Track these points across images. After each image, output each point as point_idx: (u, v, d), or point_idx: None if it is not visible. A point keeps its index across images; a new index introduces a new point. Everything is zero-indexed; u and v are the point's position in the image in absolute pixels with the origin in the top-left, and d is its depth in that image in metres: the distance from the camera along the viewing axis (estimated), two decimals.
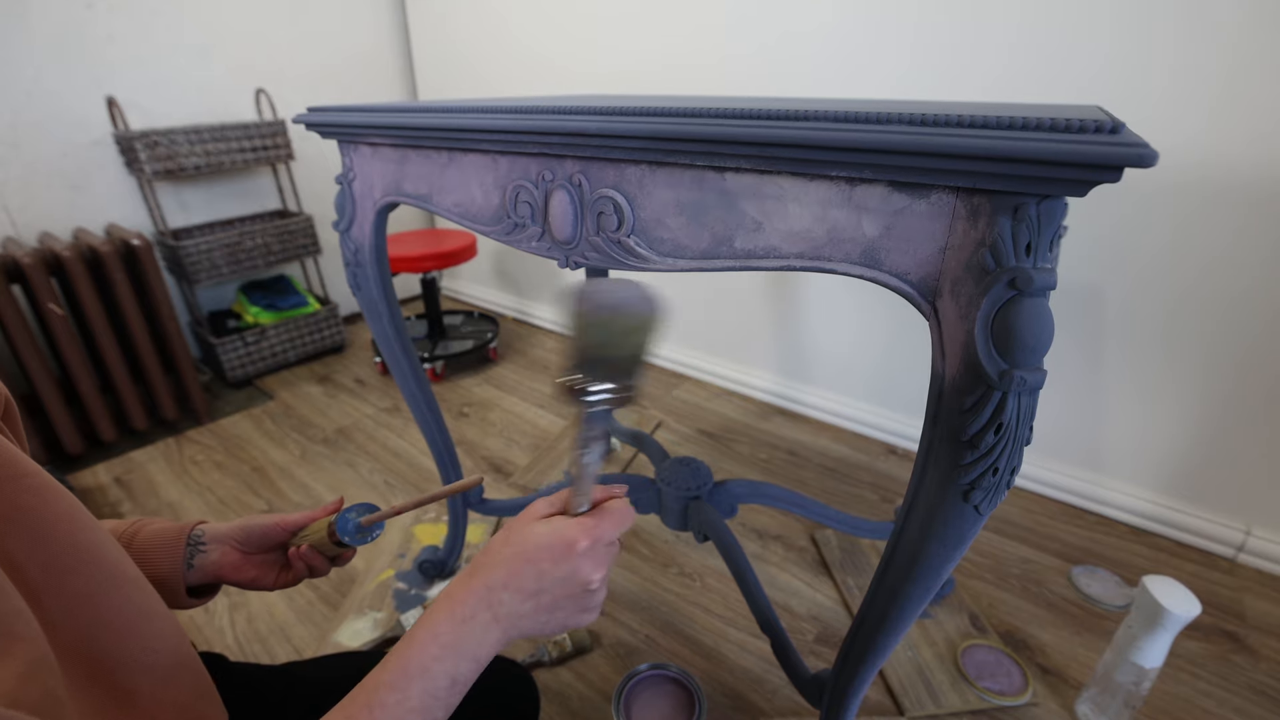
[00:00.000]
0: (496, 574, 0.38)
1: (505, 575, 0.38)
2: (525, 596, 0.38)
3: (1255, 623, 1.07)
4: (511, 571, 0.38)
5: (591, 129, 0.50)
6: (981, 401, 0.39)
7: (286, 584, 0.57)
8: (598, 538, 0.39)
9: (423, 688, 0.35)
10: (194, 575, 0.53)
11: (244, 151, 1.80)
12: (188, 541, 0.52)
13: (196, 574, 0.53)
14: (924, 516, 0.47)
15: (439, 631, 0.37)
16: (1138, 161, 0.31)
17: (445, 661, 0.36)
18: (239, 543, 0.55)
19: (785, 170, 0.44)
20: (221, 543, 0.54)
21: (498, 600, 0.38)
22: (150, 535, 0.51)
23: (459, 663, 0.36)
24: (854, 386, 1.64)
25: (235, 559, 0.54)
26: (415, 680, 0.35)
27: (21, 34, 1.53)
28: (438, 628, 0.37)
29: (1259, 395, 1.11)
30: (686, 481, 1.03)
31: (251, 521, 0.55)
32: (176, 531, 0.52)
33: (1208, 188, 1.06)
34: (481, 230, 0.66)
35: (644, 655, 1.02)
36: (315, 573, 0.58)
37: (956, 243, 0.39)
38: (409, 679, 0.35)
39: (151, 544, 0.51)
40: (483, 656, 0.37)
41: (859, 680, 0.65)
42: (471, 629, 0.37)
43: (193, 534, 0.53)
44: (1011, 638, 1.05)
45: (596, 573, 0.39)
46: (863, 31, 1.31)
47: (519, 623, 0.38)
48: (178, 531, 0.52)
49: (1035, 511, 1.35)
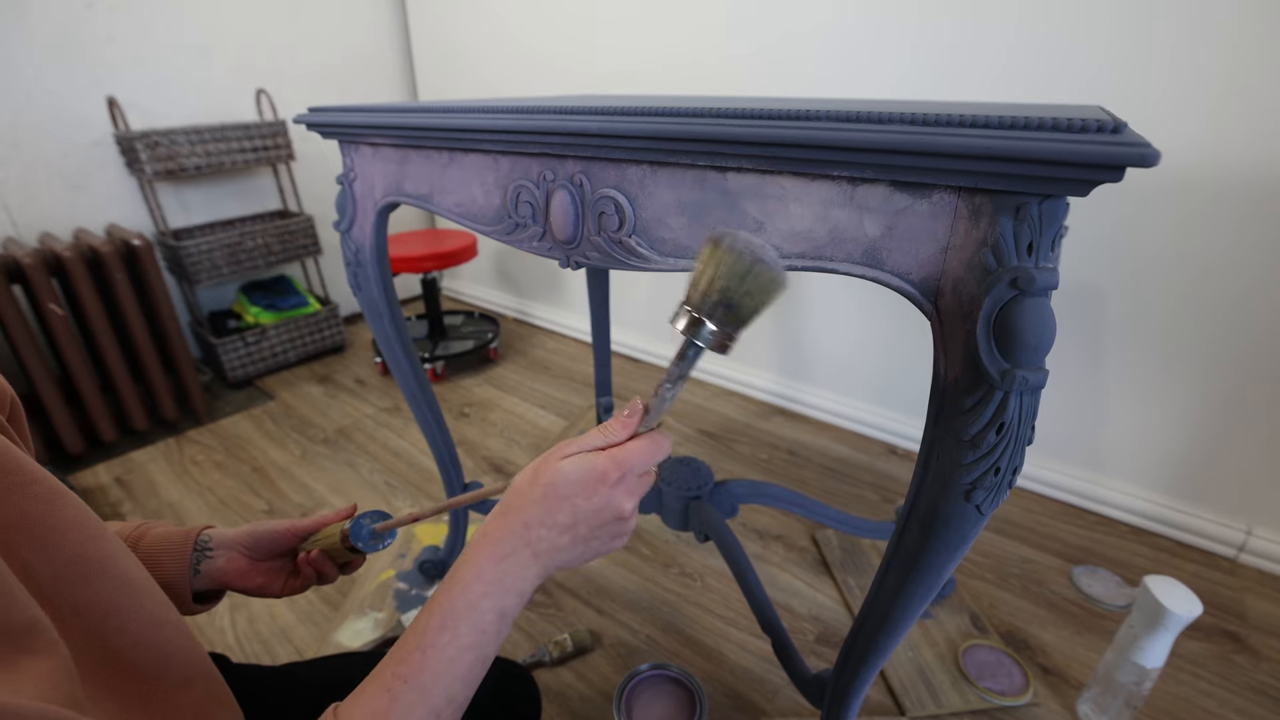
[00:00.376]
0: (532, 512, 0.39)
1: (541, 512, 0.39)
2: (561, 530, 0.39)
3: (1257, 623, 1.07)
4: (547, 508, 0.39)
5: (593, 129, 0.50)
6: (983, 401, 0.39)
7: (294, 591, 0.57)
8: (628, 469, 0.40)
9: (471, 624, 0.36)
10: (200, 581, 0.52)
11: (244, 152, 1.80)
12: (194, 547, 0.52)
13: (203, 580, 0.52)
14: (925, 516, 0.47)
15: (482, 570, 0.38)
16: (1140, 161, 0.31)
17: (491, 598, 0.37)
18: (247, 549, 0.54)
19: (787, 170, 0.44)
20: (229, 549, 0.53)
21: (536, 537, 0.39)
22: (156, 540, 0.51)
23: (504, 597, 0.37)
24: (855, 386, 1.64)
25: (242, 565, 0.54)
26: (464, 618, 0.36)
27: (22, 34, 1.53)
28: (480, 566, 0.38)
29: (1260, 395, 1.11)
30: (687, 481, 1.03)
31: (260, 527, 0.55)
32: (182, 537, 0.51)
33: (1208, 187, 1.06)
34: (483, 230, 0.66)
35: (645, 655, 1.02)
36: (324, 579, 0.58)
37: (958, 242, 0.39)
38: (457, 618, 0.36)
39: (157, 549, 0.50)
40: (526, 590, 0.39)
41: (860, 680, 0.65)
42: (512, 565, 0.38)
43: (199, 539, 0.52)
44: (1012, 638, 1.05)
45: (629, 502, 0.40)
46: (863, 31, 1.31)
47: (556, 556, 0.39)
48: (183, 537, 0.51)
49: (1036, 511, 1.35)
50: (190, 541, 0.51)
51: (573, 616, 1.10)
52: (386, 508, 1.38)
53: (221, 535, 0.54)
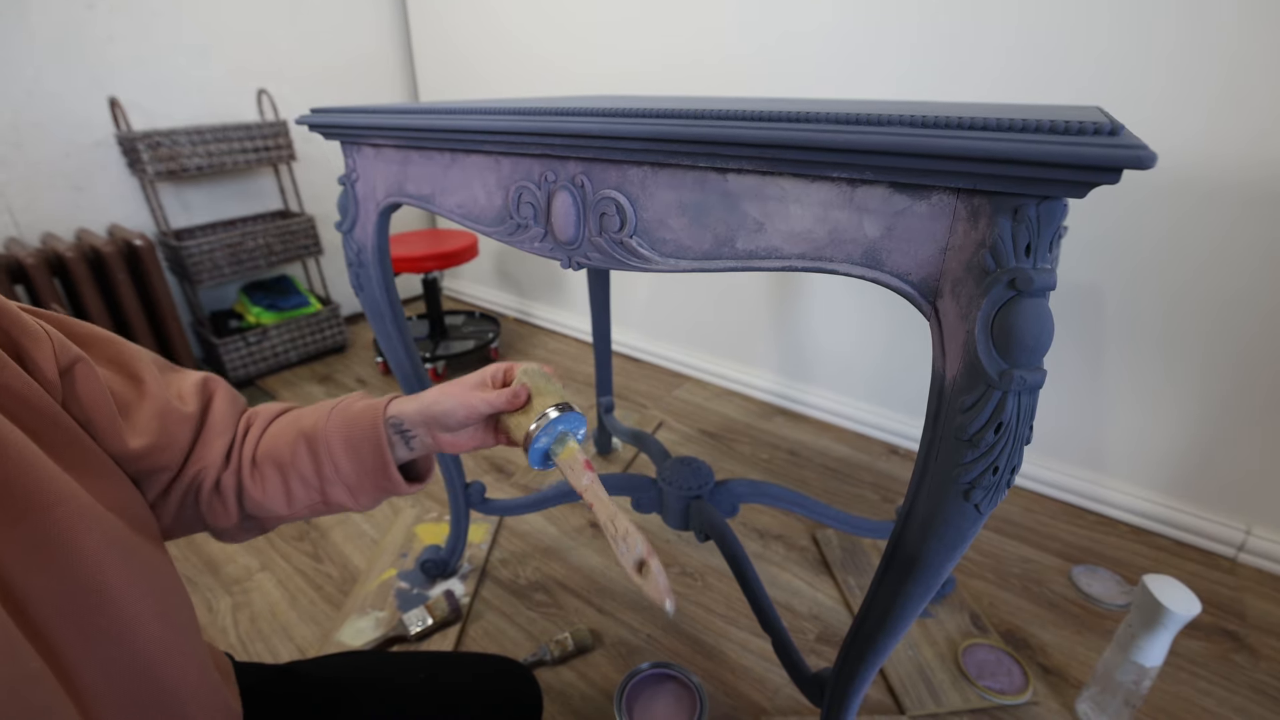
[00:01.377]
0: None
1: None
2: None
3: (1256, 622, 1.07)
4: None
5: (594, 130, 0.50)
6: (981, 401, 0.40)
7: None
8: None
9: None
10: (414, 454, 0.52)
11: (246, 152, 1.81)
12: (391, 430, 0.50)
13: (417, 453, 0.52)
14: (924, 515, 0.47)
15: None
16: (1136, 163, 0.31)
17: None
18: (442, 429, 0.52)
19: (787, 171, 0.44)
20: (424, 426, 0.51)
21: None
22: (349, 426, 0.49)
23: None
24: (855, 386, 1.65)
25: (448, 437, 0.52)
26: None
27: (22, 34, 1.53)
28: None
29: (1259, 394, 1.11)
30: (688, 481, 1.03)
31: (435, 409, 0.50)
32: (371, 424, 0.49)
33: (1206, 187, 1.06)
34: (484, 231, 0.66)
35: (645, 654, 1.02)
36: None
37: (957, 243, 0.40)
38: None
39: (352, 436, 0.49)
40: None
41: (860, 679, 0.65)
42: None
43: (390, 422, 0.50)
44: (1012, 637, 1.05)
45: None
46: (863, 32, 1.31)
47: None
48: (372, 425, 0.49)
49: (1036, 511, 1.35)
50: (380, 430, 0.49)
51: (574, 615, 1.10)
52: (389, 508, 1.39)
53: (409, 415, 0.51)
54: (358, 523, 1.34)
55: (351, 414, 0.50)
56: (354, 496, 0.50)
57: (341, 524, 1.34)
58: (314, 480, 0.49)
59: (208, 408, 0.47)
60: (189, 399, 0.46)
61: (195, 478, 0.46)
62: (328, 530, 1.32)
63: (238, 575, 1.20)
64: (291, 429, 0.49)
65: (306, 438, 0.49)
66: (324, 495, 0.50)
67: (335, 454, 0.49)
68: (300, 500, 0.49)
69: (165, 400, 0.43)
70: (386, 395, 0.52)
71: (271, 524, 0.51)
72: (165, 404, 0.43)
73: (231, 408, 0.49)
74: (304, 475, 0.49)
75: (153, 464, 0.42)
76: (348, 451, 0.49)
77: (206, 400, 0.48)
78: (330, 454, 0.49)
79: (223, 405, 0.48)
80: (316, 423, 0.49)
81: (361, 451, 0.49)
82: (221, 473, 0.47)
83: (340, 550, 1.26)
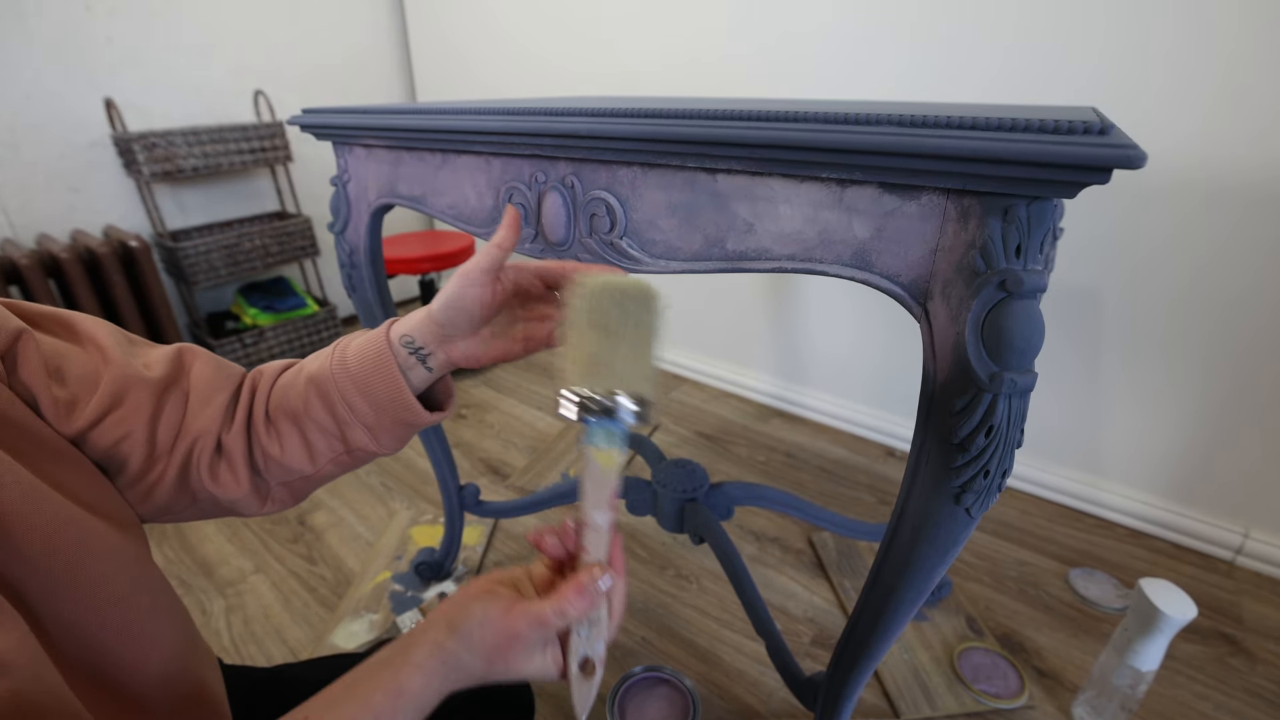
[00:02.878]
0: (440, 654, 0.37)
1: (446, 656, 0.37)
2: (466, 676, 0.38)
3: (1253, 626, 1.06)
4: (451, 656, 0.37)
5: (582, 130, 0.50)
6: (972, 404, 0.39)
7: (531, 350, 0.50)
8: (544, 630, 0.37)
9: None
10: (432, 377, 0.47)
11: (242, 153, 1.81)
12: (404, 348, 0.46)
13: (435, 374, 0.47)
14: (916, 519, 0.47)
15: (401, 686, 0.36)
16: (1126, 163, 0.31)
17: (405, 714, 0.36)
18: (457, 336, 0.47)
19: (776, 172, 0.44)
20: (440, 342, 0.46)
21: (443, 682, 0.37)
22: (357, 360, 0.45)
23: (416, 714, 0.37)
24: (852, 388, 1.64)
25: (468, 349, 0.47)
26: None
27: (20, 35, 1.53)
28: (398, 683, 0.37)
29: (1257, 397, 1.11)
30: (682, 484, 1.03)
31: (434, 308, 0.45)
32: (378, 354, 0.45)
33: (1205, 188, 1.06)
34: (475, 232, 0.66)
35: (639, 657, 1.02)
36: None
37: (947, 244, 0.39)
38: None
39: (362, 370, 0.45)
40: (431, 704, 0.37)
41: (853, 683, 0.64)
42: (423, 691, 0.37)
43: (402, 341, 0.46)
44: (1008, 640, 1.04)
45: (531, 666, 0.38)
46: (862, 32, 1.31)
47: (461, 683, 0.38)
48: (379, 353, 0.45)
49: (1033, 514, 1.34)
50: (388, 355, 0.45)
51: None
52: (383, 510, 1.38)
53: (415, 328, 0.46)
54: (352, 525, 1.34)
55: (356, 346, 0.46)
56: (375, 437, 0.47)
57: (336, 526, 1.33)
58: (331, 426, 0.46)
59: (185, 375, 0.44)
60: (155, 365, 0.43)
61: (191, 450, 0.43)
62: (322, 532, 1.31)
63: (231, 578, 1.20)
64: (299, 379, 0.46)
65: (315, 383, 0.45)
66: (345, 442, 0.46)
67: (347, 392, 0.45)
68: (322, 452, 0.46)
69: (126, 367, 0.40)
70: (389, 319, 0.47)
71: (301, 488, 0.48)
72: (125, 371, 0.40)
73: (217, 372, 0.46)
74: (320, 423, 0.45)
75: (118, 435, 0.40)
76: (360, 388, 0.45)
77: (182, 368, 0.44)
78: (342, 393, 0.45)
79: (206, 370, 0.45)
80: (323, 366, 0.46)
81: (373, 384, 0.45)
82: (222, 434, 0.44)
83: (334, 552, 1.26)
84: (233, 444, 0.44)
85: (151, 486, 0.42)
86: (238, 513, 0.47)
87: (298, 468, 0.46)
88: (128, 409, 0.40)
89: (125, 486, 0.42)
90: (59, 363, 0.38)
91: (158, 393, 0.42)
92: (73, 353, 0.39)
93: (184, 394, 0.44)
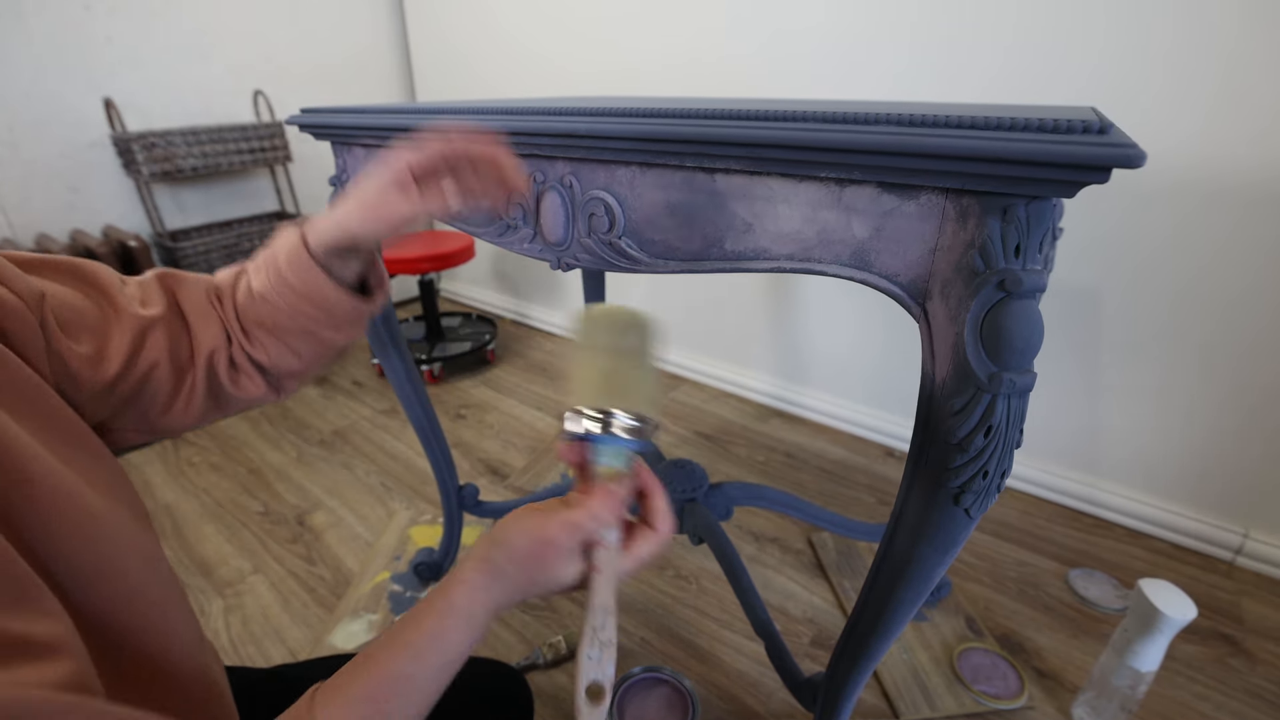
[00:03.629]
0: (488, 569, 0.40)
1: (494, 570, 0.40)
2: (512, 588, 0.40)
3: (1253, 626, 1.06)
4: (498, 570, 0.40)
5: (581, 130, 0.50)
6: (971, 404, 0.39)
7: None
8: (581, 534, 0.40)
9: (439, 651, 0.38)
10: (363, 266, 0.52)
11: (241, 153, 1.80)
12: (333, 258, 0.48)
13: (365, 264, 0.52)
14: (914, 519, 0.47)
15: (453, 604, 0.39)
16: (1125, 162, 0.30)
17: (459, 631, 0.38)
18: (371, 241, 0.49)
19: (775, 171, 0.44)
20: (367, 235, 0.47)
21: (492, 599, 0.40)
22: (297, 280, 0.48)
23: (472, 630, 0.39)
24: (852, 388, 1.64)
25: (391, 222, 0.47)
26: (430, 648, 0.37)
27: (19, 35, 1.53)
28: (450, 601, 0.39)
29: (1257, 397, 1.11)
30: (682, 484, 1.03)
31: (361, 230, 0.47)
32: (305, 265, 0.47)
33: (1206, 188, 1.05)
34: (474, 232, 0.66)
35: (638, 658, 1.01)
36: None
37: (946, 244, 0.39)
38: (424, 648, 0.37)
39: (303, 289, 0.48)
40: (483, 626, 0.40)
41: (852, 683, 0.64)
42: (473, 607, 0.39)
43: (322, 255, 0.47)
44: (1008, 641, 1.04)
45: (569, 573, 0.40)
46: (861, 31, 1.31)
47: (509, 600, 0.40)
48: (308, 268, 0.47)
49: (1032, 514, 1.34)
50: (317, 271, 0.47)
51: (567, 619, 1.09)
52: (382, 510, 1.38)
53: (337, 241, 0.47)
54: (351, 525, 1.33)
55: (286, 260, 0.48)
56: (340, 332, 0.52)
57: (335, 527, 1.33)
58: (300, 330, 0.50)
59: (177, 302, 0.48)
60: (151, 301, 0.46)
61: (210, 364, 0.47)
62: (321, 533, 1.31)
63: (230, 578, 1.20)
64: (254, 298, 0.49)
65: (268, 300, 0.49)
66: (318, 339, 0.51)
67: (298, 305, 0.49)
68: (304, 351, 0.51)
69: (132, 310, 0.43)
70: (297, 225, 0.49)
71: (300, 377, 0.54)
72: (132, 312, 0.43)
73: (200, 291, 0.49)
74: (290, 329, 0.50)
75: (144, 370, 0.43)
76: (310, 303, 0.49)
77: (173, 296, 0.48)
78: (293, 308, 0.49)
79: (192, 293, 0.48)
80: (266, 287, 0.48)
81: (317, 295, 0.48)
82: (230, 350, 0.49)
83: (333, 553, 1.26)
84: (239, 356, 0.49)
85: (186, 404, 0.47)
86: (262, 404, 0.53)
87: (287, 366, 0.51)
88: (149, 348, 0.43)
89: (159, 414, 0.46)
90: (68, 315, 0.40)
91: (166, 326, 0.45)
92: (81, 302, 0.41)
93: (184, 319, 0.47)
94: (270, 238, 0.50)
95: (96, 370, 0.40)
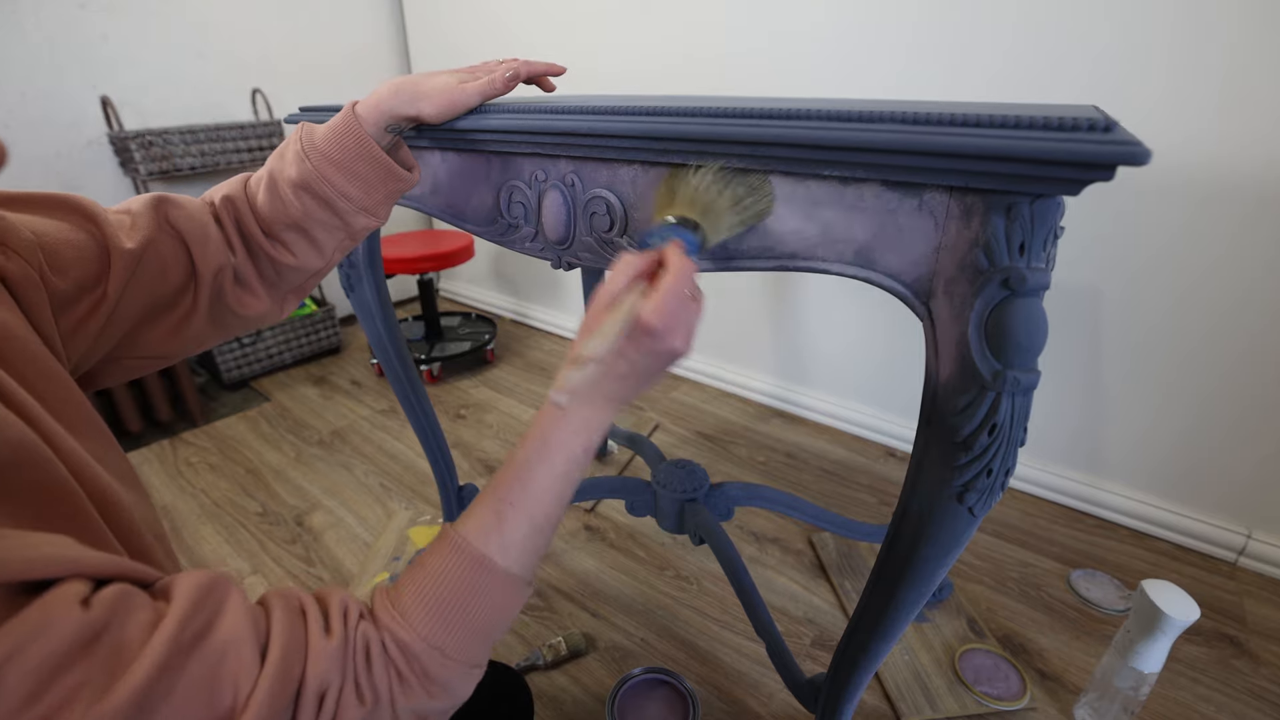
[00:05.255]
0: None
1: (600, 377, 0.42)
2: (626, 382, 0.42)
3: (1256, 627, 1.06)
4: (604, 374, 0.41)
5: (583, 128, 0.49)
6: (975, 402, 0.39)
7: None
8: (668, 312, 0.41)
9: (564, 456, 0.41)
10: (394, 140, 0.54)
11: (239, 152, 1.80)
12: (388, 131, 0.52)
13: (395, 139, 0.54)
14: (918, 519, 0.46)
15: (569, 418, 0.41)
16: (1130, 159, 0.30)
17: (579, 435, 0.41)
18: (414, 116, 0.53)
19: (778, 170, 0.43)
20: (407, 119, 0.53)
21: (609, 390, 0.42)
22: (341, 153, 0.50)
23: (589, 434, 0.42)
24: (853, 389, 1.64)
25: None
26: (557, 452, 0.41)
27: (16, 34, 1.53)
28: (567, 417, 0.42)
29: (1260, 397, 1.11)
30: (682, 484, 1.02)
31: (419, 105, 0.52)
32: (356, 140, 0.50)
33: (1208, 187, 1.05)
34: (475, 231, 0.65)
35: (639, 659, 1.01)
36: None
37: (950, 242, 0.39)
38: (550, 452, 0.40)
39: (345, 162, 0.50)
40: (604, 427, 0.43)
41: (853, 684, 0.64)
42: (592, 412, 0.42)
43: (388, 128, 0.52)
44: (1010, 642, 1.04)
45: (679, 340, 0.41)
46: (863, 30, 1.31)
47: (629, 395, 0.43)
48: (357, 139, 0.50)
49: (1034, 515, 1.34)
50: (368, 142, 0.50)
51: (567, 620, 1.09)
52: (382, 510, 1.38)
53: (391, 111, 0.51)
54: (350, 525, 1.33)
55: (325, 137, 0.50)
56: (373, 215, 0.53)
57: (334, 527, 1.33)
58: (333, 220, 0.51)
59: (171, 224, 0.46)
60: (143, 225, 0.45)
61: (214, 284, 0.47)
62: (320, 533, 1.31)
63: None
64: (282, 189, 0.50)
65: (305, 187, 0.49)
66: (348, 229, 0.52)
67: (341, 187, 0.50)
68: (329, 245, 0.52)
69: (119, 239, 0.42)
70: (350, 103, 0.52)
71: (310, 284, 0.56)
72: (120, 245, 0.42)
73: (191, 209, 0.48)
74: (322, 221, 0.50)
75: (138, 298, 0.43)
76: (351, 179, 0.50)
77: (164, 219, 0.46)
78: (336, 189, 0.50)
79: (188, 214, 0.47)
80: (303, 171, 0.49)
81: (359, 170, 0.50)
82: (236, 265, 0.49)
83: (332, 553, 1.25)
84: (245, 269, 0.50)
85: (182, 327, 0.47)
86: (261, 324, 0.54)
87: (310, 266, 0.53)
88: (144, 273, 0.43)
89: (160, 339, 0.46)
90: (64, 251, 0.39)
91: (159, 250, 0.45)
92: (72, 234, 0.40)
93: (182, 241, 0.46)
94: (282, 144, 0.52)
95: (94, 304, 0.40)
